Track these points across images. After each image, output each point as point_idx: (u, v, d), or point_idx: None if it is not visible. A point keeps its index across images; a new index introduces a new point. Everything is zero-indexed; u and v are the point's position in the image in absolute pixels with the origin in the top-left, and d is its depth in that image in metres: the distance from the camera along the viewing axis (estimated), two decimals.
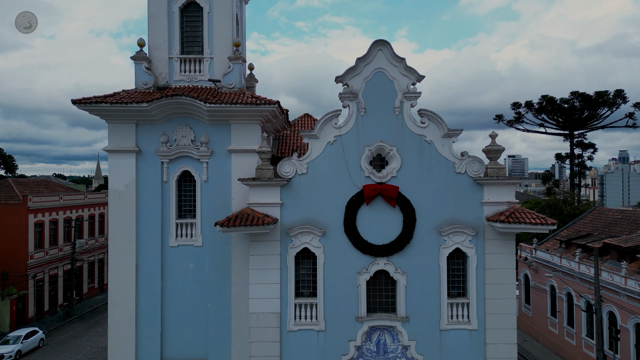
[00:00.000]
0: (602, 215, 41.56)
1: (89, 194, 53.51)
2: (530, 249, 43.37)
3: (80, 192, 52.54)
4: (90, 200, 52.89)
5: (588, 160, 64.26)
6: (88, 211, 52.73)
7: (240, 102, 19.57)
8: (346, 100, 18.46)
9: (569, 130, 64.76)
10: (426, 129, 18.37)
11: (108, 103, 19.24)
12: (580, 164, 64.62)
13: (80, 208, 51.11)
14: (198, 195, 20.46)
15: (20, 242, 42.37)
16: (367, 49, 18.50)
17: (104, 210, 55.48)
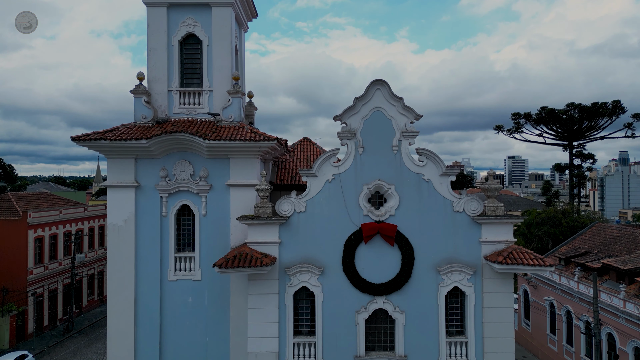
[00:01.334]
0: (601, 232, 41.61)
1: (89, 206, 53.53)
2: None
3: (80, 205, 52.58)
4: (90, 213, 52.95)
5: (587, 171, 64.32)
6: (88, 223, 52.79)
7: (240, 137, 19.62)
8: (344, 139, 18.50)
9: (568, 141, 64.86)
10: (424, 167, 18.41)
11: (107, 140, 19.29)
12: (579, 175, 64.71)
13: (80, 221, 51.18)
14: (197, 229, 20.51)
15: (20, 258, 42.44)
16: (365, 88, 18.56)
17: (103, 222, 55.50)
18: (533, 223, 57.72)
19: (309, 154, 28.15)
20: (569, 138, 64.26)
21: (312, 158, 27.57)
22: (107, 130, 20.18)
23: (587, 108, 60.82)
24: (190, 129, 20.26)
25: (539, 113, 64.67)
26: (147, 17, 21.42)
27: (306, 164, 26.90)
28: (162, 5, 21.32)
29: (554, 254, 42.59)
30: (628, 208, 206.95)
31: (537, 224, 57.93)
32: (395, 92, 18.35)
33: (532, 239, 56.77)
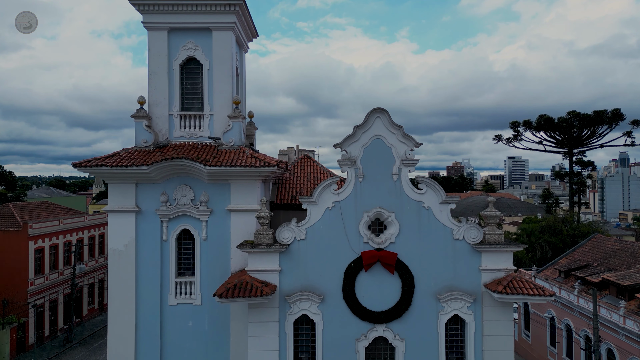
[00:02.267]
0: (601, 244, 41.64)
1: (89, 215, 53.58)
2: (530, 275, 43.43)
3: (81, 214, 52.65)
4: (90, 222, 53.02)
5: (587, 179, 64.40)
6: (88, 232, 52.87)
7: (240, 163, 19.68)
8: (345, 167, 18.55)
9: (567, 149, 64.93)
10: (424, 195, 18.46)
11: (108, 166, 19.33)
12: (579, 182, 64.77)
13: (81, 230, 51.25)
14: (197, 253, 20.57)
15: (21, 269, 42.51)
16: (365, 116, 18.62)
17: (104, 230, 55.60)
18: (533, 231, 57.81)
19: (309, 172, 28.21)
20: (568, 146, 64.31)
21: (312, 176, 27.64)
22: (107, 156, 20.23)
23: (586, 116, 60.88)
24: (190, 154, 20.33)
25: (539, 120, 64.75)
26: (148, 41, 21.47)
27: (306, 182, 26.99)
28: (163, 30, 21.37)
29: (553, 265, 42.65)
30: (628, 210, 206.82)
31: (537, 232, 58.01)
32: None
33: (532, 248, 56.82)
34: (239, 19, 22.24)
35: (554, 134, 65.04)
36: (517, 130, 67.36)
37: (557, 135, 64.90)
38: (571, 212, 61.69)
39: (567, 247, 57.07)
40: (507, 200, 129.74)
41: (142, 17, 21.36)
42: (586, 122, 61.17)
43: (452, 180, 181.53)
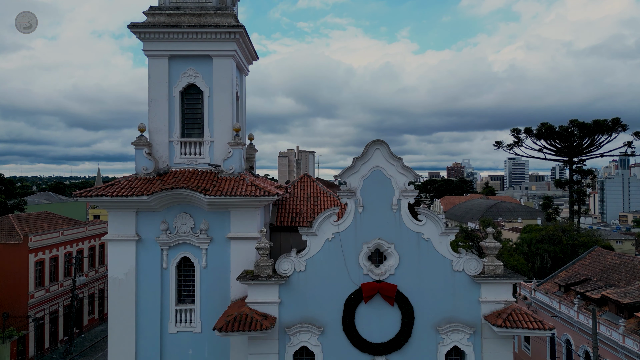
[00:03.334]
0: (600, 258, 41.67)
1: (90, 225, 53.59)
2: (530, 288, 43.48)
3: (81, 225, 52.65)
4: (90, 232, 53.07)
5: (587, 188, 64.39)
6: (88, 243, 52.92)
7: (240, 192, 19.72)
8: (344, 198, 18.59)
9: (568, 157, 64.91)
10: (424, 226, 18.50)
11: (109, 196, 19.38)
12: (579, 191, 64.76)
13: (81, 241, 51.30)
14: (197, 281, 20.60)
15: (21, 282, 42.52)
16: (364, 147, 18.66)
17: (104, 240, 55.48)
18: (533, 241, 57.82)
19: (309, 192, 28.21)
20: (568, 154, 64.29)
21: (311, 197, 27.66)
22: (108, 185, 20.29)
23: (587, 125, 60.88)
24: (191, 182, 20.37)
25: (540, 128, 64.74)
26: (149, 68, 21.52)
27: (306, 204, 27.00)
28: (163, 57, 21.42)
29: (553, 279, 42.68)
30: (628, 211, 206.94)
31: (537, 241, 58.02)
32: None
33: (532, 258, 56.83)
34: (239, 45, 22.28)
35: (554, 142, 65.02)
36: (517, 137, 67.33)
37: (557, 144, 64.88)
38: (571, 221, 61.66)
39: (566, 256, 57.09)
40: (506, 204, 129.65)
41: (143, 45, 21.39)
42: (586, 131, 61.16)
43: (452, 183, 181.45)
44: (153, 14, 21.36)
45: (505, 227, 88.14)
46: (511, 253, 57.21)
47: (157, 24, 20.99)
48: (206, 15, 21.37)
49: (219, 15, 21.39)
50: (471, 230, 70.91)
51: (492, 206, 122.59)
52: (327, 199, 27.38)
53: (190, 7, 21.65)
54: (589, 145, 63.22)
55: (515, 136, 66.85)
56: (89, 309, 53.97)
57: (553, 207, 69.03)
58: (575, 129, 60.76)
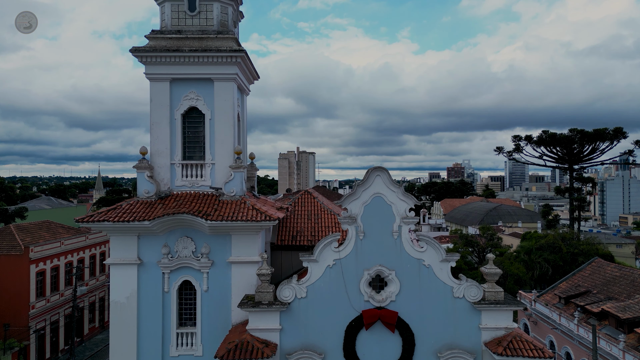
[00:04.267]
0: (600, 270, 41.74)
1: (90, 234, 53.68)
2: (530, 299, 43.56)
3: (82, 233, 52.71)
4: (91, 241, 53.18)
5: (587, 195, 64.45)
6: (89, 251, 53.04)
7: (241, 217, 19.80)
8: (346, 224, 18.65)
9: (568, 164, 65.00)
10: (424, 253, 18.56)
11: (110, 222, 19.45)
12: (579, 199, 64.84)
13: (82, 250, 51.42)
14: (198, 304, 20.66)
15: (22, 293, 42.66)
16: (365, 174, 18.74)
17: (104, 248, 55.79)
18: (533, 249, 57.88)
19: (310, 209, 28.26)
20: (569, 162, 64.36)
21: (312, 214, 27.71)
22: (110, 209, 20.35)
23: (588, 133, 60.95)
24: (192, 205, 20.44)
25: (541, 136, 64.83)
26: (150, 92, 21.58)
27: (307, 222, 27.04)
28: (165, 80, 21.47)
29: (553, 290, 42.74)
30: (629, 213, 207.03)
31: (537, 249, 58.07)
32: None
33: (532, 266, 56.90)
34: (241, 68, 22.35)
35: (554, 148, 65.10)
36: (518, 144, 67.44)
37: (558, 151, 64.97)
38: (571, 229, 61.70)
39: (566, 264, 57.17)
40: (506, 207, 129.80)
41: (145, 68, 21.45)
42: (587, 139, 61.23)
43: (453, 186, 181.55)
44: (155, 37, 21.42)
45: (505, 232, 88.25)
46: (511, 261, 57.31)
47: (159, 47, 21.04)
48: (207, 39, 21.42)
49: (220, 39, 21.43)
50: (471, 237, 70.93)
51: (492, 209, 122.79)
52: (328, 217, 27.44)
53: (191, 31, 21.70)
54: (590, 152, 63.30)
55: (516, 143, 66.98)
56: (90, 316, 54.13)
57: (553, 215, 68.93)
58: (576, 136, 60.77)
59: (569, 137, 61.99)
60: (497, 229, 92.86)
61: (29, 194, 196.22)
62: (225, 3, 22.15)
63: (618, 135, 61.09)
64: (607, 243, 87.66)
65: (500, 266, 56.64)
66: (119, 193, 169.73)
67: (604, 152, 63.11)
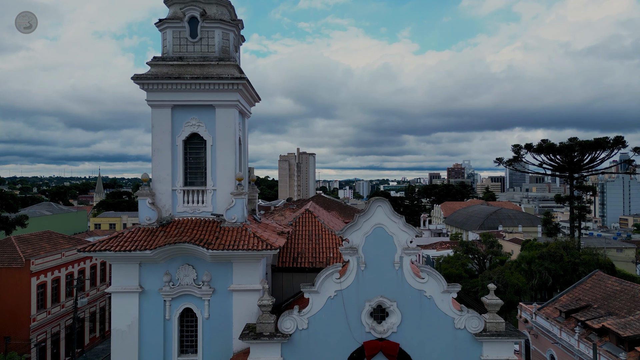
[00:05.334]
0: (601, 283, 41.75)
1: None
2: (531, 312, 43.58)
3: (82, 245, 52.68)
4: None
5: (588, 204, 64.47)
6: (90, 262, 53.01)
7: (242, 245, 19.83)
8: (347, 255, 18.67)
9: (568, 173, 64.95)
10: (426, 284, 18.58)
11: (112, 251, 19.48)
12: (580, 207, 64.77)
13: (82, 260, 51.36)
14: (200, 332, 20.69)
15: (23, 306, 42.61)
16: (366, 205, 18.73)
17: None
18: (533, 258, 57.90)
19: (311, 229, 28.29)
20: (569, 170, 64.35)
21: (313, 234, 27.73)
22: (112, 237, 20.37)
23: (588, 142, 60.94)
24: (193, 233, 20.48)
25: (540, 145, 64.83)
26: (152, 119, 21.62)
27: (308, 242, 27.07)
28: (166, 107, 21.49)
29: (554, 303, 42.74)
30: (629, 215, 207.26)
31: (537, 257, 58.07)
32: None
33: (532, 275, 56.95)
34: (242, 94, 22.37)
35: (554, 157, 65.08)
36: (518, 153, 67.44)
37: (558, 160, 64.95)
38: (572, 238, 61.72)
39: (567, 274, 57.17)
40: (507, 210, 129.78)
41: (146, 95, 21.47)
42: (587, 148, 61.23)
43: (453, 189, 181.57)
44: (156, 64, 21.44)
45: (505, 238, 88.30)
46: (511, 271, 57.35)
47: (161, 75, 21.05)
48: (209, 65, 21.44)
49: (221, 66, 21.46)
50: (472, 244, 71.00)
51: (493, 213, 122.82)
52: (329, 237, 27.48)
53: (193, 57, 21.72)
54: (590, 161, 63.29)
55: (516, 152, 66.98)
56: (90, 325, 54.18)
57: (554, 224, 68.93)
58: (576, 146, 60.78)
59: (569, 146, 61.96)
60: (498, 234, 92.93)
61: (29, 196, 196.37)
62: (226, 29, 22.16)
63: (618, 144, 61.06)
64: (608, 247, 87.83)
65: (501, 276, 56.82)
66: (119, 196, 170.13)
67: (604, 160, 63.13)
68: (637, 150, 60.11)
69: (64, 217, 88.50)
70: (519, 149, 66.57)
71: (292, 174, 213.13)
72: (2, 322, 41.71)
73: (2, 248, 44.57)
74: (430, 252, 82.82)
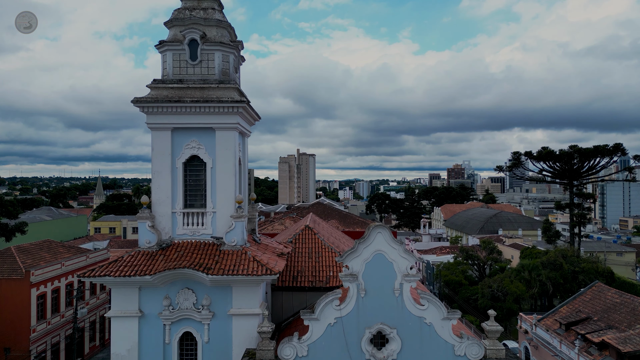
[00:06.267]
0: (601, 295, 41.73)
1: (91, 253, 53.71)
2: (531, 323, 43.58)
3: (82, 253, 52.73)
4: (91, 260, 53.18)
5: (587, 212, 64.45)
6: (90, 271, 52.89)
7: (242, 270, 19.83)
8: (347, 282, 18.64)
9: (568, 180, 64.95)
10: (426, 311, 18.56)
11: (112, 276, 19.47)
12: (580, 214, 64.75)
13: (82, 269, 51.25)
14: (199, 355, 20.68)
15: (23, 317, 42.60)
16: (366, 231, 18.71)
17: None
18: (535, 266, 57.86)
19: (311, 247, 28.28)
20: (569, 177, 64.36)
21: (313, 252, 27.72)
22: (111, 262, 20.37)
23: (588, 150, 60.95)
24: (193, 257, 20.47)
25: (540, 152, 64.84)
26: (152, 141, 21.59)
27: (307, 260, 27.05)
28: (166, 129, 21.46)
29: (554, 315, 42.73)
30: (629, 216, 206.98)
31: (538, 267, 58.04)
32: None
33: (532, 284, 56.95)
34: (243, 116, 22.34)
35: (554, 164, 65.09)
36: (517, 160, 67.45)
37: (557, 167, 64.97)
38: (572, 247, 61.69)
39: (567, 282, 57.20)
40: (507, 214, 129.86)
41: (146, 118, 21.44)
42: (587, 156, 61.23)
43: (453, 191, 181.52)
44: (156, 87, 21.41)
45: (505, 243, 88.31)
46: (511, 279, 57.35)
47: (161, 98, 21.02)
48: (209, 88, 21.41)
49: (221, 89, 21.42)
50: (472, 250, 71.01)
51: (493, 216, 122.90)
52: (329, 254, 27.48)
53: (193, 80, 21.69)
54: (590, 168, 63.29)
55: (515, 159, 66.99)
56: (90, 332, 54.18)
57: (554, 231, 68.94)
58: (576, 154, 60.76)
59: (568, 153, 61.97)
60: (498, 238, 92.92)
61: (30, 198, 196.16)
62: (226, 51, 22.14)
63: (617, 152, 61.07)
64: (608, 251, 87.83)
65: (501, 284, 56.83)
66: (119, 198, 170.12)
67: (604, 167, 63.11)
68: (637, 158, 60.13)
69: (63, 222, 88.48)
70: (518, 156, 66.61)
71: (292, 175, 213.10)
72: (2, 333, 41.72)
73: (2, 258, 44.59)
74: (430, 258, 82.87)
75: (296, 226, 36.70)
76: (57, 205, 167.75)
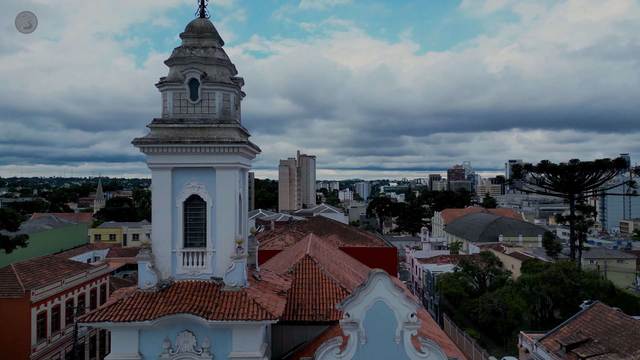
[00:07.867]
0: (602, 316, 41.70)
1: (91, 269, 53.68)
2: (532, 342, 43.57)
3: (82, 269, 52.67)
4: (92, 276, 53.15)
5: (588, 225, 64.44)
6: (90, 286, 52.97)
7: (242, 314, 19.77)
8: (347, 330, 18.60)
9: (569, 193, 64.94)
10: (427, 359, 18.51)
11: (111, 321, 19.43)
12: (581, 227, 64.73)
13: (82, 286, 51.33)
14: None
15: (23, 337, 42.50)
16: (367, 277, 18.67)
17: (105, 281, 55.89)
18: (535, 282, 57.83)
19: (311, 277, 28.23)
20: (570, 190, 64.33)
21: (313, 283, 27.67)
22: (111, 305, 20.31)
23: (589, 164, 60.91)
24: (193, 299, 20.43)
25: (541, 165, 64.82)
26: (152, 181, 21.55)
27: (308, 292, 27.00)
28: (167, 169, 21.40)
29: (554, 336, 42.69)
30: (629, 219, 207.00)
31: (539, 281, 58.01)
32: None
33: (533, 299, 56.93)
34: (243, 155, 22.28)
35: (555, 177, 65.08)
36: (518, 172, 67.44)
37: (557, 179, 64.96)
38: (572, 260, 61.65)
39: (567, 296, 57.23)
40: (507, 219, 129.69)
41: (147, 158, 21.38)
42: (588, 169, 61.21)
43: (454, 195, 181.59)
44: (157, 127, 21.35)
45: (505, 252, 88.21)
46: (512, 294, 57.31)
47: (161, 139, 20.96)
48: (210, 128, 21.35)
49: (222, 129, 21.36)
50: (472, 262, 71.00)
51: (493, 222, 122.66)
52: (330, 286, 27.43)
53: (193, 120, 21.62)
54: (591, 182, 63.27)
55: (516, 172, 67.00)
56: (90, 346, 54.15)
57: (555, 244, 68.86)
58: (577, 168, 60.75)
59: (570, 167, 61.95)
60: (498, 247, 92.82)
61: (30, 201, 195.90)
62: (227, 90, 22.07)
63: (619, 165, 61.04)
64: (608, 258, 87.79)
65: (502, 299, 56.79)
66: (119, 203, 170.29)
67: (605, 181, 63.08)
68: (638, 172, 60.13)
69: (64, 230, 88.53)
70: (519, 169, 66.59)
71: (293, 178, 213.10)
72: (2, 353, 41.67)
73: (2, 277, 44.51)
74: (431, 267, 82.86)
75: (297, 250, 36.64)
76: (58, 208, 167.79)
